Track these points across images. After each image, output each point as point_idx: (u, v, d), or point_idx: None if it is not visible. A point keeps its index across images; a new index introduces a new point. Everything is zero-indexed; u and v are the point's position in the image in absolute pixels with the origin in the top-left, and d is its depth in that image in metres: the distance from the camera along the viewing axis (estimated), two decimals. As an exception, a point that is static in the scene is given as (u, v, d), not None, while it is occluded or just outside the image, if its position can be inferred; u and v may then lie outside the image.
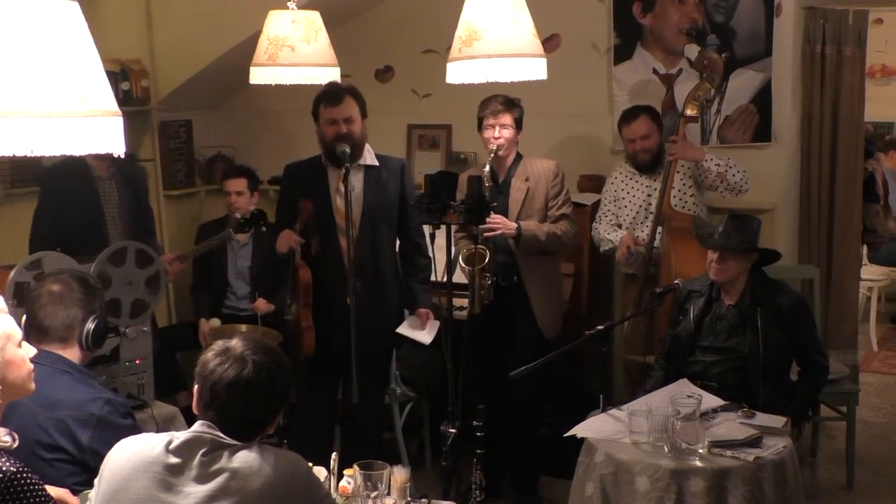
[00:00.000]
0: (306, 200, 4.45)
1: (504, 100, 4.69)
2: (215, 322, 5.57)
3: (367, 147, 4.56)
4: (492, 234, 4.59)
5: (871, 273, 7.73)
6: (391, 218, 4.63)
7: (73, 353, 3.04)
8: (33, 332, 2.96)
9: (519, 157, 4.86)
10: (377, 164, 4.56)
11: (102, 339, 3.13)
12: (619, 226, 5.27)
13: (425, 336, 4.69)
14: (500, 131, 4.69)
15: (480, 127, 4.79)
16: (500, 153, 4.70)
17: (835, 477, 5.22)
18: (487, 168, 4.64)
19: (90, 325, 3.05)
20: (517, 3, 3.31)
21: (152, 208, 5.47)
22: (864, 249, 7.72)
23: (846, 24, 6.14)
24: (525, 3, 3.33)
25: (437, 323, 4.74)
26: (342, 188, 4.36)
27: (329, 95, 4.39)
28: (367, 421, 4.66)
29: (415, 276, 4.77)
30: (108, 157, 4.79)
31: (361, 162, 4.51)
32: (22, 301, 3.33)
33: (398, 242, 4.76)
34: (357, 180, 4.48)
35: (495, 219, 4.54)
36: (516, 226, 4.66)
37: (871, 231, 7.99)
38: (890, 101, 9.39)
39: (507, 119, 4.70)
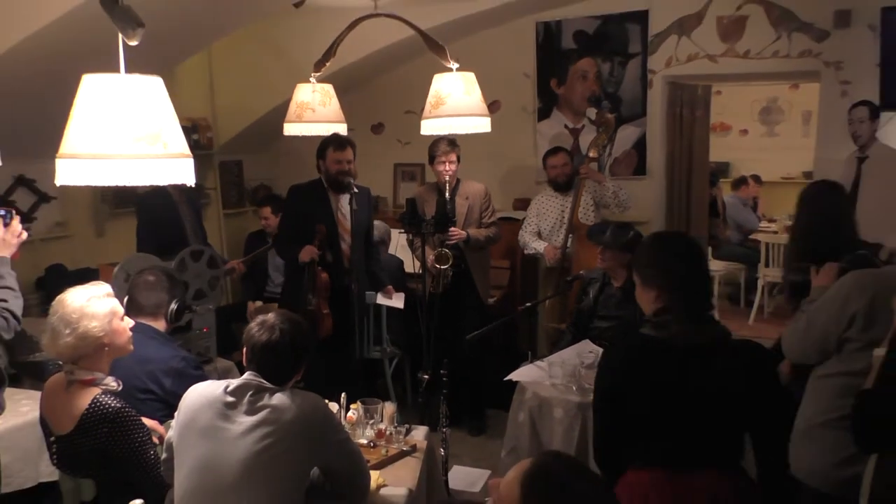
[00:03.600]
0: (321, 224, 4.42)
1: (448, 142, 4.65)
2: (258, 303, 5.55)
3: None
4: (452, 241, 4.62)
5: (714, 266, 7.79)
6: (369, 228, 4.68)
7: (160, 325, 3.03)
8: (132, 308, 2.95)
9: (458, 180, 4.86)
10: (357, 191, 4.54)
11: (182, 315, 3.13)
12: (539, 234, 5.29)
13: (398, 303, 4.74)
14: (449, 166, 4.68)
15: (432, 162, 4.77)
16: (449, 181, 4.71)
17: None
18: (448, 195, 4.67)
19: (174, 306, 3.06)
20: (469, 79, 3.33)
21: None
22: (710, 250, 7.81)
23: (696, 94, 6.22)
24: (475, 79, 3.35)
25: (402, 294, 4.84)
26: (342, 208, 4.37)
27: (336, 142, 4.36)
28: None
29: (376, 265, 4.82)
30: (179, 188, 4.73)
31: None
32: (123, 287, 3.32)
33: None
34: (350, 203, 4.46)
35: (453, 231, 4.60)
36: (466, 234, 4.72)
37: (714, 237, 8.09)
38: (726, 147, 9.52)
39: (452, 157, 4.70)
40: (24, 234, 2.72)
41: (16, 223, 2.68)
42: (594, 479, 1.42)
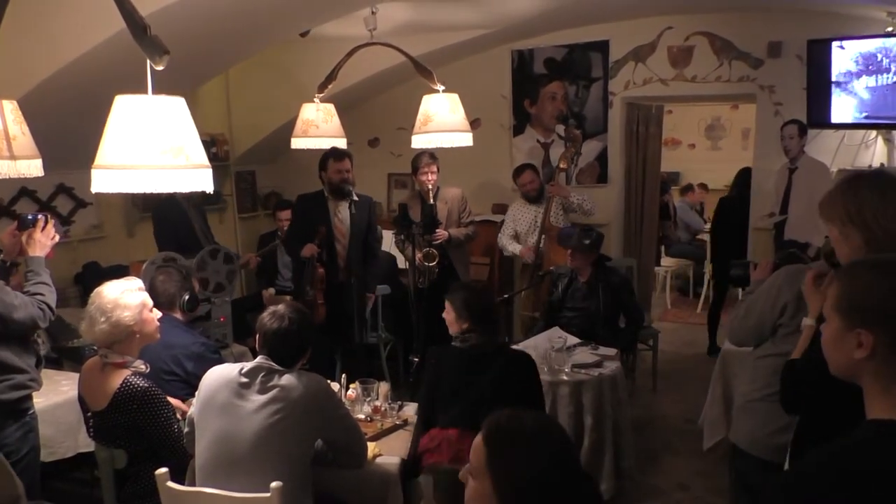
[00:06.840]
0: (321, 226, 4.36)
1: (430, 155, 4.60)
2: (272, 290, 5.53)
3: None
4: (438, 241, 4.61)
5: (666, 262, 7.84)
6: (365, 231, 4.56)
7: (178, 315, 3.01)
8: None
9: (438, 187, 4.77)
10: (357, 199, 4.48)
11: (194, 305, 3.10)
12: (517, 237, 5.25)
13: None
14: (431, 176, 4.64)
15: (416, 173, 4.72)
16: (431, 189, 4.67)
17: (645, 384, 5.29)
18: (432, 200, 4.63)
19: (185, 297, 3.03)
20: (454, 99, 3.32)
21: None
22: (662, 248, 7.85)
23: (650, 113, 6.24)
24: (459, 100, 3.34)
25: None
26: (339, 214, 4.31)
27: (336, 154, 4.29)
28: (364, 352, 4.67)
29: (369, 270, 4.64)
30: (187, 196, 4.45)
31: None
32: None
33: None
34: (349, 209, 4.41)
35: (439, 231, 4.59)
36: (448, 234, 4.71)
37: (665, 237, 8.12)
38: (676, 159, 9.56)
39: (434, 168, 4.66)
40: (57, 237, 2.69)
41: (50, 227, 2.66)
42: (540, 417, 1.49)
